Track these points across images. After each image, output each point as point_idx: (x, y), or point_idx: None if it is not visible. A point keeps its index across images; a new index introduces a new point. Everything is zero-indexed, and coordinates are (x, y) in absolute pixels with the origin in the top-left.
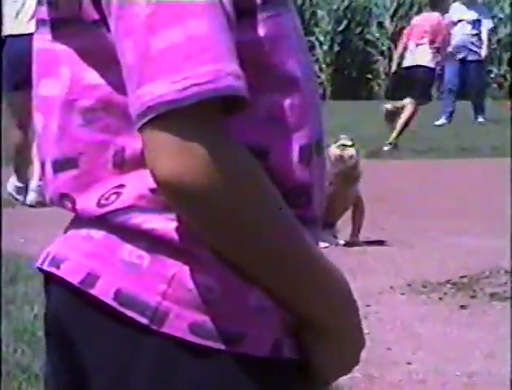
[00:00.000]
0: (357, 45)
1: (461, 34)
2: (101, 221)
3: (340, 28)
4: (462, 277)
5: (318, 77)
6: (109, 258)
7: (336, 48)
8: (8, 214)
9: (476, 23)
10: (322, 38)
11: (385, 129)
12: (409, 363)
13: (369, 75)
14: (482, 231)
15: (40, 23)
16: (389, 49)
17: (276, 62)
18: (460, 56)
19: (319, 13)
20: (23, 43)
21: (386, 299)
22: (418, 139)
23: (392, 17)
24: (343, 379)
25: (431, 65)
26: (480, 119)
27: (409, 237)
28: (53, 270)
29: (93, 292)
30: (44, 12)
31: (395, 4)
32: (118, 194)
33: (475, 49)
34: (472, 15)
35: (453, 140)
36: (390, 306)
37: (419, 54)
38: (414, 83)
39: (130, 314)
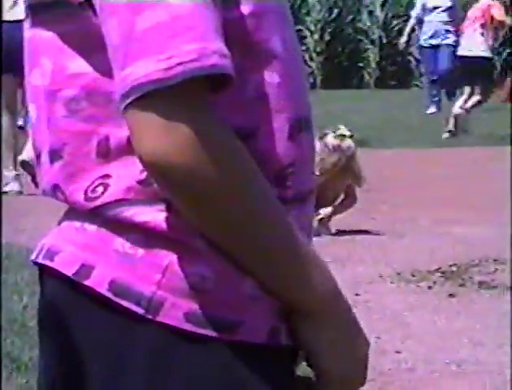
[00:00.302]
0: (348, 34)
1: (435, 21)
2: (93, 214)
3: (331, 17)
4: (450, 266)
5: (309, 66)
6: (102, 249)
7: (327, 37)
8: None
9: (452, 10)
10: (312, 27)
11: (376, 118)
12: (398, 352)
13: (360, 64)
14: (470, 221)
15: (26, 10)
16: (380, 38)
17: (261, 38)
18: (434, 43)
19: (310, 2)
20: (11, 29)
21: (375, 288)
22: (407, 128)
23: (382, 6)
24: None
25: (487, 54)
26: (432, 110)
27: (398, 226)
28: (47, 262)
29: (87, 283)
30: None
31: None
32: (104, 186)
33: (449, 35)
34: (447, 2)
35: (443, 129)
36: (379, 295)
37: (474, 43)
38: (473, 73)
39: (125, 304)
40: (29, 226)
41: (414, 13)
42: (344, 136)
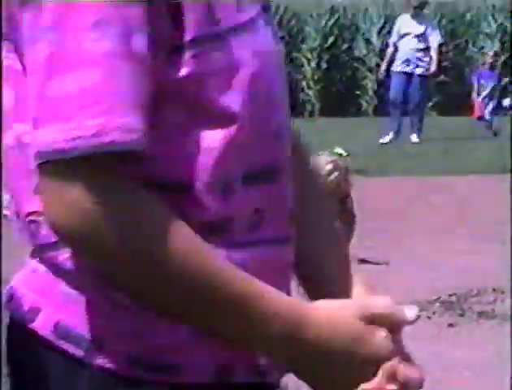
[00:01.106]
0: (345, 62)
1: (407, 48)
2: (37, 253)
3: (328, 45)
4: (450, 295)
5: (307, 94)
6: (50, 291)
7: (324, 65)
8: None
9: (423, 37)
10: (309, 55)
11: (373, 146)
12: None
13: (357, 92)
14: (470, 250)
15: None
16: (377, 65)
17: (211, 97)
18: (406, 70)
19: (306, 30)
20: None
21: None
22: (406, 156)
23: (378, 33)
24: None
25: None
26: (414, 139)
27: (396, 256)
28: (5, 303)
29: (31, 326)
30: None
31: (382, 20)
32: (36, 225)
33: (422, 63)
34: (419, 28)
35: (441, 157)
36: None
37: None
38: None
39: (66, 346)
40: None
41: (391, 40)
42: (340, 154)
